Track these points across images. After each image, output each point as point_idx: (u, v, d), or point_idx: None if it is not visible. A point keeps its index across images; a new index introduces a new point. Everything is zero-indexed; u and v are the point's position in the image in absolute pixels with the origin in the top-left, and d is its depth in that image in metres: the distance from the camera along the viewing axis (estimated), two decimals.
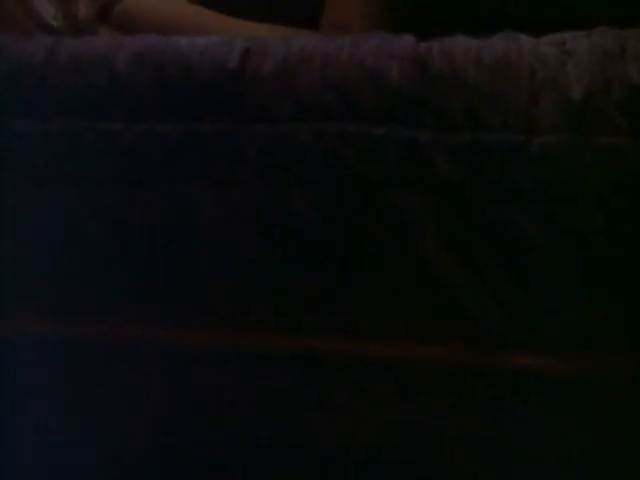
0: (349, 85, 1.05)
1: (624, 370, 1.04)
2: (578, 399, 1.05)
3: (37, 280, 1.10)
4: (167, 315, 1.08)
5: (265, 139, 1.06)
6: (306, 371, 1.08)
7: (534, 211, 1.03)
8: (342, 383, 1.09)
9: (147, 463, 1.13)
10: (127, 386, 1.11)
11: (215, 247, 1.09)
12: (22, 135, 1.07)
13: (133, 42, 1.10)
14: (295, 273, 1.07)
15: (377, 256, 1.06)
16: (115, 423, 1.12)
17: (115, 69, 1.08)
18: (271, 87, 1.07)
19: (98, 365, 1.11)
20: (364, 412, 1.09)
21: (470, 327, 1.06)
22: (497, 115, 1.02)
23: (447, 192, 1.04)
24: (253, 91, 1.07)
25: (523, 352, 1.05)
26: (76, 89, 1.08)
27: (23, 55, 1.09)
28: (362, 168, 1.04)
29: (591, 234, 1.02)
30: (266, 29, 1.36)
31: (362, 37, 1.10)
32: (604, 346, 1.04)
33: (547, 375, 1.05)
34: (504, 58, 1.04)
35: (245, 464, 1.12)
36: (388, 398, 1.09)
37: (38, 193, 1.08)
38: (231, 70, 1.07)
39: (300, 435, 1.11)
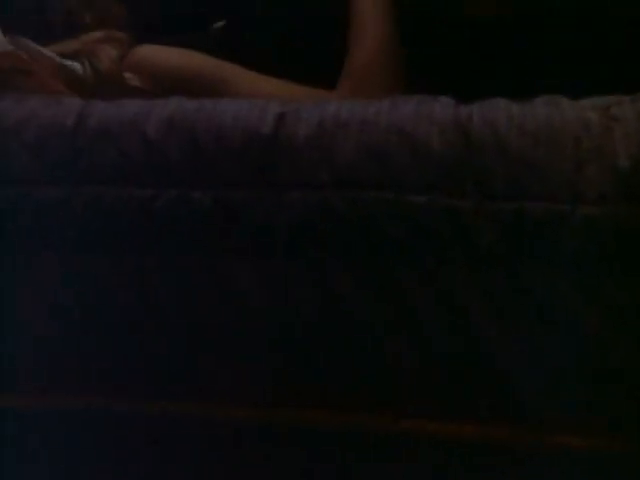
0: (387, 152, 1.02)
1: None
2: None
3: (53, 353, 1.07)
4: (201, 393, 1.05)
5: (300, 207, 1.03)
6: (350, 447, 1.05)
7: (579, 283, 1.00)
8: (379, 458, 1.06)
9: None
10: (143, 464, 1.09)
11: (251, 322, 1.06)
12: (49, 204, 1.05)
13: (164, 107, 1.07)
14: (333, 349, 1.05)
15: (417, 327, 1.03)
16: None
17: (146, 135, 1.05)
18: (306, 153, 1.04)
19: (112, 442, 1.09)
20: None
21: (511, 401, 1.03)
22: (541, 184, 0.99)
23: (489, 262, 1.01)
24: (287, 158, 1.04)
25: (559, 430, 1.02)
26: (106, 155, 1.05)
27: (53, 121, 1.06)
28: (401, 239, 1.01)
29: (636, 309, 0.99)
30: (285, 86, 1.33)
31: (400, 100, 1.07)
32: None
33: (579, 454, 1.03)
34: (547, 125, 1.01)
35: None
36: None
37: (65, 265, 1.06)
38: (265, 136, 1.04)
39: None
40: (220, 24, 1.48)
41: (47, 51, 1.27)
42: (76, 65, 1.28)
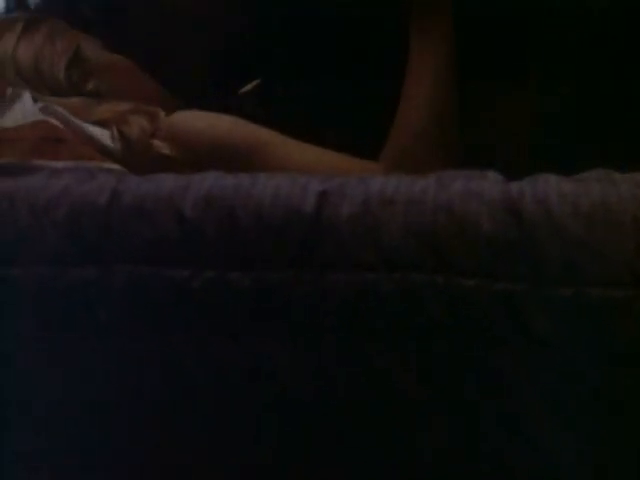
0: (436, 232, 0.98)
1: None
2: None
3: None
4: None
5: (343, 290, 0.98)
6: None
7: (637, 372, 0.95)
8: None
9: None
10: None
11: (286, 403, 1.01)
12: (80, 285, 1.00)
13: (201, 183, 1.03)
14: (372, 428, 1.00)
15: (468, 414, 0.98)
16: None
17: (182, 213, 1.01)
18: (350, 233, 0.99)
19: None
20: None
21: None
22: (598, 268, 0.94)
23: (542, 347, 0.96)
24: (330, 237, 0.99)
25: None
26: (140, 234, 1.01)
27: (86, 198, 1.02)
28: (450, 322, 0.96)
29: None
30: (325, 155, 1.29)
31: (447, 177, 1.03)
32: None
33: None
34: (603, 205, 0.97)
35: None
36: None
37: (95, 346, 1.01)
38: (306, 214, 1.00)
39: None
40: (254, 83, 1.44)
41: (76, 119, 1.24)
42: (105, 133, 1.24)
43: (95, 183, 1.04)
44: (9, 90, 1.22)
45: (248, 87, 1.45)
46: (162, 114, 1.32)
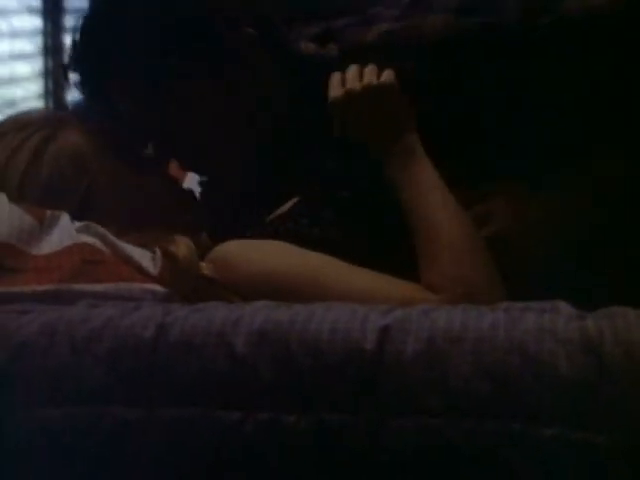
0: (509, 375, 0.90)
1: None
2: None
3: None
4: None
5: (407, 436, 0.91)
6: None
7: None
8: None
9: None
10: None
11: None
12: (124, 426, 0.93)
13: (254, 316, 0.96)
14: None
15: None
16: None
17: (234, 349, 0.94)
18: (414, 373, 0.92)
19: None
20: None
21: None
22: None
23: None
24: (393, 378, 0.92)
25: None
26: (188, 372, 0.94)
27: (130, 332, 0.95)
28: (527, 474, 0.89)
29: None
30: (379, 279, 1.21)
31: (517, 311, 0.96)
32: None
33: None
34: None
35: None
36: None
37: None
38: (367, 352, 0.93)
39: None
40: (294, 200, 1.39)
41: (115, 239, 1.18)
42: (146, 254, 1.18)
43: (140, 315, 0.97)
44: (47, 214, 1.17)
45: (285, 207, 1.39)
46: (205, 236, 1.27)
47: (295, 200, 1.39)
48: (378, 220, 1.34)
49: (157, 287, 1.14)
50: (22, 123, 1.35)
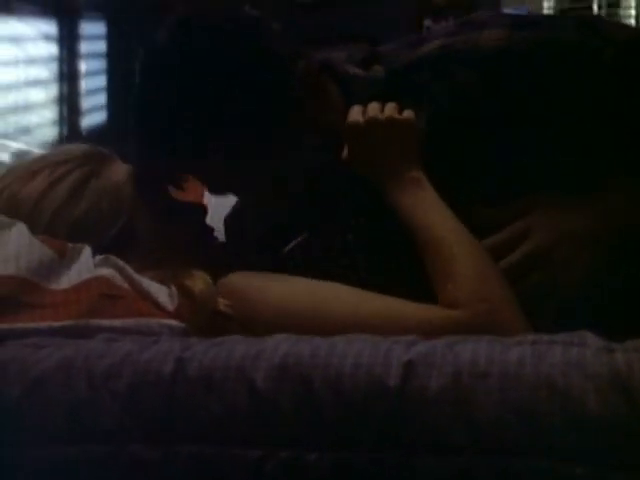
0: (537, 412, 0.88)
1: None
2: None
3: None
4: None
5: (433, 474, 0.88)
6: None
7: None
8: None
9: None
10: None
11: None
12: (142, 464, 0.91)
13: (274, 351, 0.94)
14: None
15: None
16: None
17: (254, 384, 0.91)
18: (439, 410, 0.89)
19: None
20: None
21: None
22: None
23: None
24: (417, 414, 0.90)
25: None
26: (207, 409, 0.91)
27: (148, 367, 0.93)
28: None
29: None
30: (391, 304, 1.19)
31: (544, 345, 0.93)
32: None
33: None
34: None
35: None
36: None
37: None
38: (391, 388, 0.90)
39: None
40: (303, 236, 1.37)
41: (133, 272, 1.16)
42: (163, 289, 1.16)
43: (158, 349, 0.95)
44: (69, 247, 1.15)
45: (295, 242, 1.37)
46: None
47: (307, 233, 1.38)
48: (396, 245, 1.33)
49: (174, 322, 1.12)
50: (63, 157, 1.34)
